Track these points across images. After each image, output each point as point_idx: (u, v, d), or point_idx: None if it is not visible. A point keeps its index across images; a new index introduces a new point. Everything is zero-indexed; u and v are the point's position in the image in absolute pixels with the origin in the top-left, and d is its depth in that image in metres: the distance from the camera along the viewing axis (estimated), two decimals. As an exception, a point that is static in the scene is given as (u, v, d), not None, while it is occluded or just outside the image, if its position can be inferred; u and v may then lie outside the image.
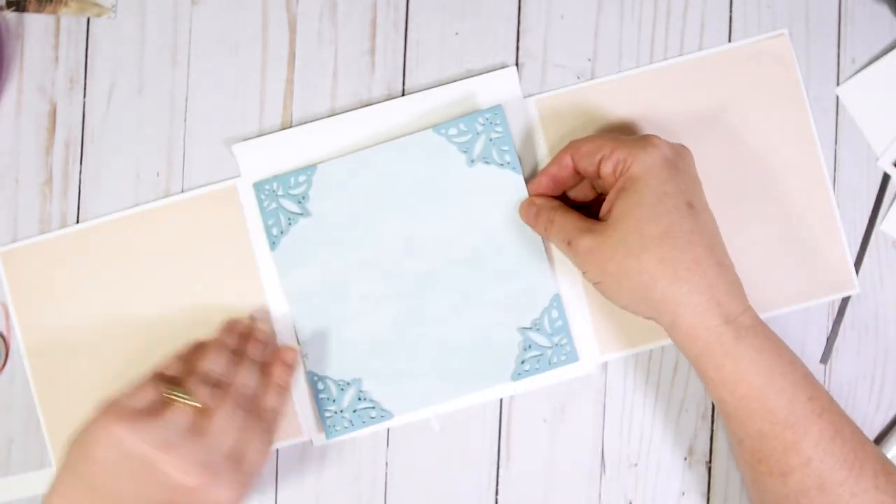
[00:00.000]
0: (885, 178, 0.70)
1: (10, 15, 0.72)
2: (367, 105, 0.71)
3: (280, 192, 0.69)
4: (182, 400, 0.57)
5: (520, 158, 0.69)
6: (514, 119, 0.70)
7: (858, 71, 0.70)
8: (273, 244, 0.69)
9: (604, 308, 0.69)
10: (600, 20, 0.71)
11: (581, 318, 0.69)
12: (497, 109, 0.69)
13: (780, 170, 0.69)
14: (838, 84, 0.70)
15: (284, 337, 0.70)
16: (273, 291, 0.70)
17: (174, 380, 0.60)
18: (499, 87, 0.70)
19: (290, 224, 0.69)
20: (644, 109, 0.70)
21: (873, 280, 0.70)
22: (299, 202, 0.69)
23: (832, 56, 0.70)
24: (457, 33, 0.71)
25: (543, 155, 0.69)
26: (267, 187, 0.69)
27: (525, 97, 0.70)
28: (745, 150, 0.69)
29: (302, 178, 0.69)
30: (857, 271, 0.70)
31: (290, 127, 0.71)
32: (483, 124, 0.69)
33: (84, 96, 0.72)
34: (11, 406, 0.71)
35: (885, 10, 0.70)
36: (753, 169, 0.69)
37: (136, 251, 0.70)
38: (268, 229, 0.69)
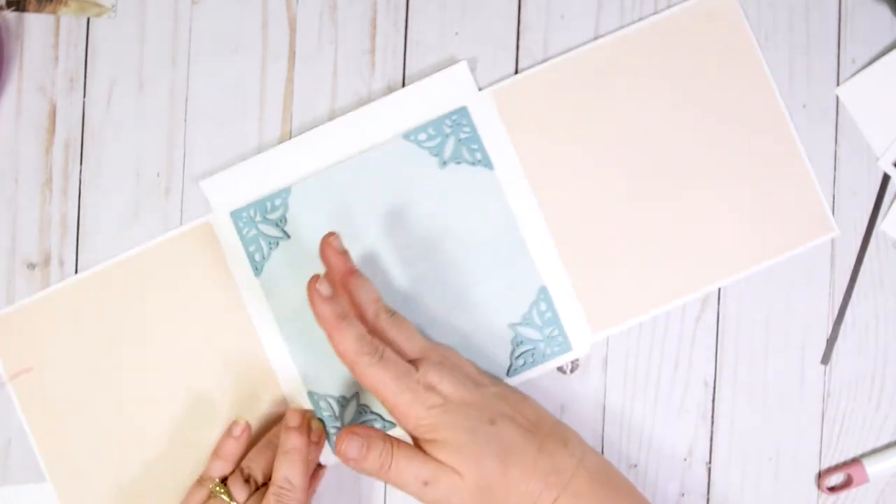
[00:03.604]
0: (885, 178, 0.70)
1: (10, 15, 0.72)
2: (367, 104, 0.70)
3: (258, 218, 0.69)
4: (222, 496, 0.64)
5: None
6: (473, 113, 0.69)
7: (858, 71, 0.70)
8: (257, 270, 0.69)
9: (592, 290, 0.69)
10: (600, 20, 0.71)
11: (570, 306, 0.69)
12: (462, 110, 0.69)
13: (745, 128, 0.69)
14: (838, 84, 0.70)
15: (279, 362, 0.69)
16: (262, 320, 0.69)
17: (223, 478, 0.66)
18: (452, 84, 0.70)
19: (271, 248, 0.69)
20: (600, 83, 0.70)
21: (873, 280, 0.70)
22: (277, 225, 0.69)
23: (832, 56, 0.70)
24: (457, 33, 0.71)
25: (507, 144, 0.69)
26: (244, 215, 0.69)
27: (480, 89, 0.70)
28: (709, 112, 0.69)
29: (278, 202, 0.69)
30: (857, 271, 0.70)
31: (290, 129, 0.71)
32: (451, 126, 0.69)
33: (84, 96, 0.72)
34: (11, 408, 0.71)
35: (885, 10, 0.70)
36: (719, 129, 0.69)
37: (120, 300, 0.70)
38: (250, 256, 0.69)
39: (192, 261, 0.70)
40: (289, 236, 0.69)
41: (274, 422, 0.69)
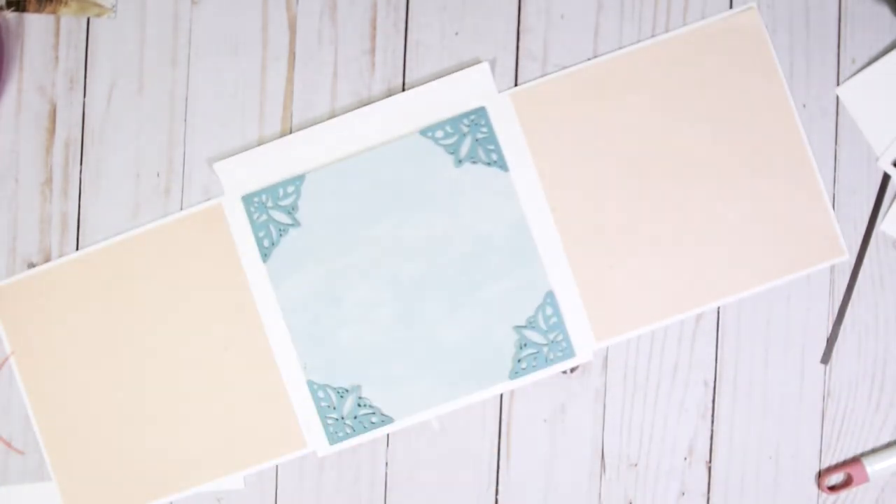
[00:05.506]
0: (885, 178, 0.70)
1: (10, 15, 0.72)
2: (367, 104, 0.71)
3: (269, 204, 0.69)
4: None
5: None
6: (492, 114, 0.70)
7: (858, 71, 0.70)
8: (265, 256, 0.69)
9: (599, 298, 0.69)
10: (600, 20, 0.71)
11: (576, 312, 0.69)
12: (481, 111, 0.69)
13: (760, 142, 0.69)
14: (838, 84, 0.70)
15: (281, 349, 0.70)
16: (265, 304, 0.69)
17: None
18: (472, 84, 0.70)
19: (280, 235, 0.69)
20: (619, 93, 0.70)
21: (873, 280, 0.70)
22: (289, 212, 0.69)
23: (832, 56, 0.70)
24: (457, 33, 0.71)
25: (524, 147, 0.69)
26: (256, 200, 0.69)
27: (500, 92, 0.70)
28: (725, 128, 0.69)
29: (291, 189, 0.69)
30: (857, 271, 0.70)
31: (290, 129, 0.71)
32: (468, 125, 0.69)
33: (84, 96, 0.72)
34: (10, 409, 0.71)
35: (885, 10, 0.70)
36: (736, 146, 0.69)
37: (126, 277, 0.70)
38: (259, 241, 0.69)
39: (200, 243, 0.70)
40: (299, 224, 0.69)
41: (271, 410, 0.70)
